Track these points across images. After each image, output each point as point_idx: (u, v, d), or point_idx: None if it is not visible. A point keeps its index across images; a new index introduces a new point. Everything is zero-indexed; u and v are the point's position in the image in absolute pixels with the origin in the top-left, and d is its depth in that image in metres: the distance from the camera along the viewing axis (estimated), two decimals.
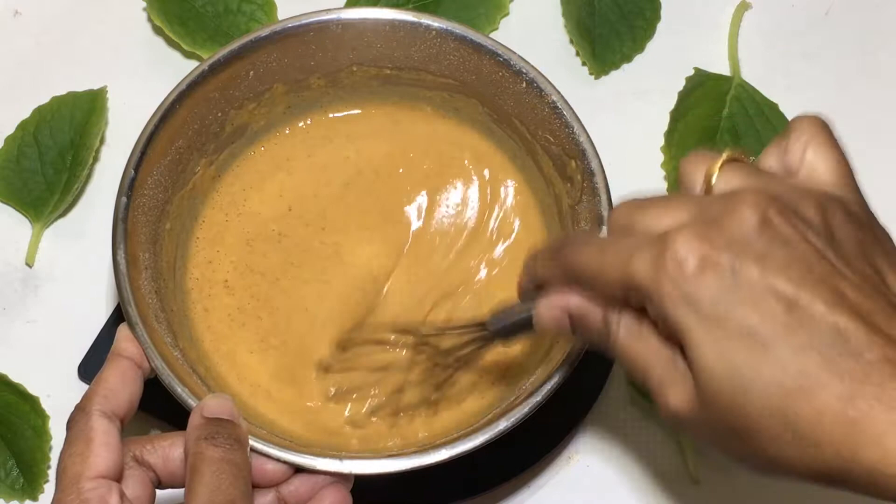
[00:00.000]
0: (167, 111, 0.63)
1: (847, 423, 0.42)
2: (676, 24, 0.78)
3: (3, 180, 0.72)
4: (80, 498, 0.50)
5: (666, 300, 0.45)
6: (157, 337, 0.58)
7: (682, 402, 0.46)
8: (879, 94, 0.76)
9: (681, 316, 0.45)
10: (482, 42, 0.65)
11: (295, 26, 0.65)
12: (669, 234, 0.45)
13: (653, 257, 0.45)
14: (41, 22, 0.78)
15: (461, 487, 0.64)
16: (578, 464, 0.66)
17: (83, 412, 0.53)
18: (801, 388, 0.43)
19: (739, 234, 0.45)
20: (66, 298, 0.70)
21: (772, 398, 0.43)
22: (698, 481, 0.66)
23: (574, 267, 0.50)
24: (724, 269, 0.44)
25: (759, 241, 0.45)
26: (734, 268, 0.44)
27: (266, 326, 0.64)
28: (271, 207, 0.67)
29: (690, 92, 0.74)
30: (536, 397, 0.57)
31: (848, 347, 0.43)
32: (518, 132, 0.66)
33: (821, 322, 0.43)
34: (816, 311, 0.43)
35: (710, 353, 0.44)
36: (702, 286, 0.44)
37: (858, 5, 0.79)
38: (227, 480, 0.51)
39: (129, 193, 0.61)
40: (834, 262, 0.45)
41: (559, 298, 0.51)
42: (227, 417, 0.54)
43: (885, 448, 0.42)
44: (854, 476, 0.43)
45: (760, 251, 0.44)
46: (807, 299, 0.43)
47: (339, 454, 0.56)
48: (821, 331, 0.43)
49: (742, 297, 0.44)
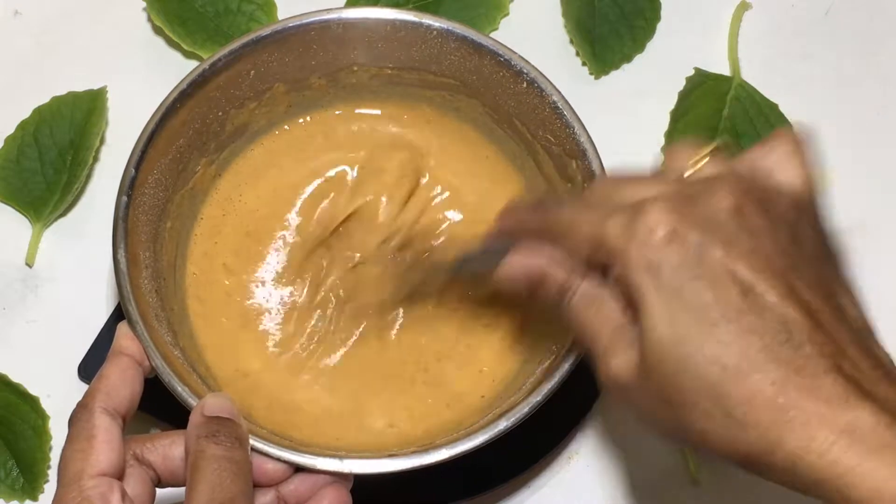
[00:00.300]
0: (168, 110, 0.63)
1: (776, 409, 0.44)
2: (676, 24, 0.78)
3: (3, 180, 0.72)
4: (81, 495, 0.50)
5: (630, 263, 0.47)
6: (158, 336, 0.58)
7: (624, 368, 0.48)
8: (879, 94, 0.76)
9: (641, 281, 0.47)
10: (483, 42, 0.65)
11: (296, 26, 0.65)
12: (645, 203, 0.47)
13: (625, 221, 0.48)
14: (41, 22, 0.78)
15: (461, 487, 0.64)
16: (578, 464, 0.67)
17: (85, 409, 0.53)
18: (739, 369, 0.45)
19: (712, 215, 0.47)
20: (66, 298, 0.70)
21: (710, 374, 0.45)
22: (698, 482, 0.66)
23: (550, 220, 0.52)
24: (690, 244, 0.46)
25: (729, 224, 0.47)
26: (700, 245, 0.46)
27: (267, 324, 0.64)
28: (271, 206, 0.67)
29: (690, 92, 0.74)
30: (536, 397, 0.57)
31: (790, 338, 0.45)
32: (519, 132, 0.67)
33: (771, 311, 0.45)
34: (769, 300, 0.45)
35: (661, 321, 0.46)
36: (666, 256, 0.46)
37: (858, 5, 0.79)
38: (228, 478, 0.51)
39: (130, 192, 0.61)
40: (794, 260, 0.47)
41: (525, 258, 0.53)
42: (227, 416, 0.54)
43: (808, 436, 0.44)
44: (775, 461, 0.44)
45: (728, 235, 0.46)
46: (762, 288, 0.45)
47: (338, 453, 0.56)
48: (768, 319, 0.45)
49: (701, 274, 0.46)
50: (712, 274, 0.46)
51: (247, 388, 0.63)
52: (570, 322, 0.52)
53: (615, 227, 0.48)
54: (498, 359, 0.64)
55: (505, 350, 0.64)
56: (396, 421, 0.62)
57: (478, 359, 0.64)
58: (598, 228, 0.49)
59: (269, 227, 0.67)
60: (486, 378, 0.63)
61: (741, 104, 0.73)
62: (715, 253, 0.46)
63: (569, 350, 0.58)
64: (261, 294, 0.65)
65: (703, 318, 0.45)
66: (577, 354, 0.58)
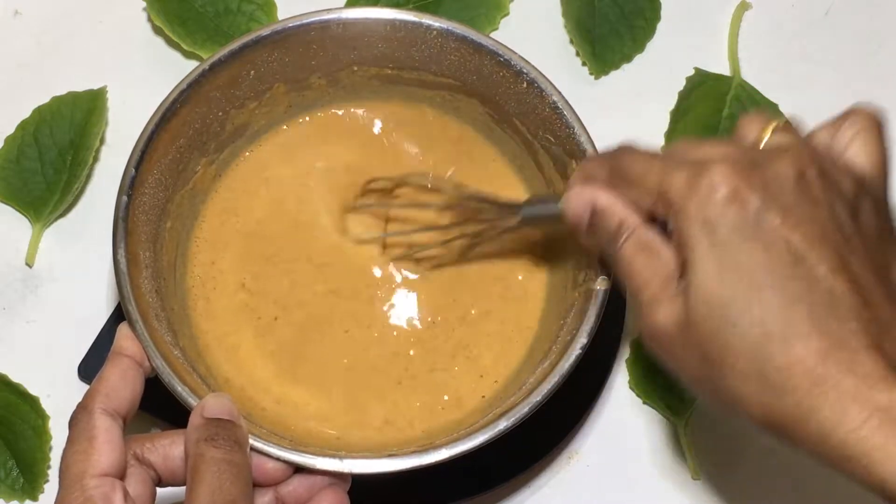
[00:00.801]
0: (168, 110, 0.63)
1: (813, 379, 0.45)
2: (676, 24, 0.78)
3: (3, 180, 0.72)
4: (84, 496, 0.50)
5: (688, 217, 0.48)
6: (158, 336, 0.58)
7: (669, 319, 0.49)
8: (879, 94, 0.76)
9: (696, 236, 0.48)
10: (483, 42, 0.65)
11: (296, 26, 0.65)
12: (711, 162, 0.48)
13: (690, 176, 0.49)
14: (41, 22, 0.78)
15: (461, 487, 0.64)
16: (578, 464, 0.66)
17: (85, 410, 0.53)
18: (781, 336, 0.46)
19: (775, 181, 0.48)
20: (66, 298, 0.70)
21: (752, 336, 0.46)
22: (698, 481, 0.66)
23: (622, 164, 0.53)
24: (750, 207, 0.47)
25: (790, 193, 0.47)
26: (759, 209, 0.47)
27: (266, 324, 0.64)
28: (271, 205, 0.67)
29: (690, 92, 0.74)
30: (536, 397, 0.57)
31: (837, 312, 0.46)
32: (519, 132, 0.67)
33: (821, 282, 0.46)
34: (819, 271, 0.46)
35: (710, 278, 0.47)
36: (724, 215, 0.47)
37: (858, 5, 0.79)
38: (227, 481, 0.51)
39: (130, 192, 0.61)
40: (850, 236, 0.47)
41: (591, 191, 0.54)
42: (227, 417, 0.54)
43: (841, 410, 0.44)
44: (806, 431, 0.45)
45: (788, 202, 0.47)
46: (814, 259, 0.46)
47: (338, 453, 0.56)
48: (816, 290, 0.46)
49: (757, 238, 0.47)
50: (767, 239, 0.47)
51: (247, 387, 0.63)
52: (619, 265, 0.53)
53: (679, 180, 0.49)
54: (498, 359, 0.64)
55: (505, 350, 0.64)
56: (396, 421, 0.62)
57: (478, 359, 0.64)
58: (664, 178, 0.50)
59: (269, 228, 0.67)
60: (487, 378, 0.63)
61: (741, 104, 0.73)
62: (773, 219, 0.47)
63: (569, 350, 0.58)
64: (261, 294, 0.65)
65: (752, 280, 0.46)
66: (577, 354, 0.58)
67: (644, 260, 0.52)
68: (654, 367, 0.67)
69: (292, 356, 0.64)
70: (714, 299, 0.47)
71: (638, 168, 0.52)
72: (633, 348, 0.68)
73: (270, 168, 0.68)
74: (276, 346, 0.64)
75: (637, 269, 0.52)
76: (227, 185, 0.68)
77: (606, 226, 0.53)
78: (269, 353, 0.64)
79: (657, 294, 0.50)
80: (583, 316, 0.59)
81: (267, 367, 0.63)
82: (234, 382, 0.63)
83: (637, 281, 0.52)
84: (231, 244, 0.66)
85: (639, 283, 0.51)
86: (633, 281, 0.52)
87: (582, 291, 0.61)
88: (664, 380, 0.66)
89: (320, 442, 0.60)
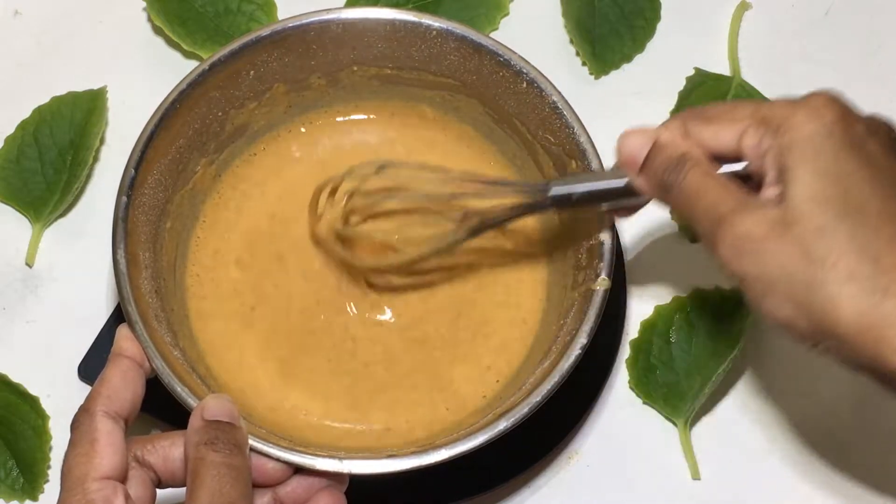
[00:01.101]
0: (167, 110, 0.63)
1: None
2: (676, 24, 0.78)
3: (3, 180, 0.72)
4: (85, 499, 0.50)
5: (793, 128, 0.50)
6: (157, 336, 0.58)
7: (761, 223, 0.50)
8: (879, 94, 0.76)
9: (802, 143, 0.50)
10: (483, 42, 0.65)
11: (295, 26, 0.65)
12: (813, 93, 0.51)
13: (791, 102, 0.51)
14: (41, 22, 0.78)
15: (461, 487, 0.64)
16: (578, 464, 0.66)
17: (87, 413, 0.53)
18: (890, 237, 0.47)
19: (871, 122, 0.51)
20: (66, 298, 0.70)
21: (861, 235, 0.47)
22: (698, 481, 0.66)
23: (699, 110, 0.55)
24: (856, 130, 0.50)
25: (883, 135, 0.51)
26: (864, 134, 0.50)
27: (266, 324, 0.64)
28: (271, 206, 0.67)
29: (690, 92, 0.74)
30: (536, 397, 0.57)
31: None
32: (518, 132, 0.67)
33: None
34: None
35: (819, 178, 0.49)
36: (833, 132, 0.50)
37: (858, 5, 0.79)
38: (227, 484, 0.51)
39: (130, 192, 0.61)
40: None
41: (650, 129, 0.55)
42: (227, 419, 0.54)
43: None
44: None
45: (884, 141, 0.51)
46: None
47: (338, 454, 0.56)
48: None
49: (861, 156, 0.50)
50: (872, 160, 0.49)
51: (247, 388, 0.63)
52: (681, 195, 0.53)
53: (780, 107, 0.51)
54: (498, 359, 0.64)
55: (505, 350, 0.64)
56: (396, 421, 0.62)
57: (478, 359, 0.64)
58: (758, 106, 0.52)
59: (269, 228, 0.67)
60: (487, 378, 0.63)
61: None
62: (876, 147, 0.50)
63: (569, 350, 0.58)
64: (261, 294, 0.65)
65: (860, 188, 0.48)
66: (577, 354, 0.58)
67: (713, 182, 0.52)
68: (655, 367, 0.67)
69: (292, 357, 0.64)
70: (821, 196, 0.48)
71: (722, 107, 0.54)
72: (633, 348, 0.68)
73: (271, 168, 0.68)
74: (275, 347, 0.64)
75: (708, 187, 0.52)
76: (227, 186, 0.68)
77: (667, 157, 0.54)
78: (269, 353, 0.64)
79: (736, 207, 0.51)
80: (583, 316, 0.59)
81: (267, 367, 0.63)
82: (234, 383, 0.63)
83: (709, 198, 0.52)
84: (231, 245, 0.66)
85: (712, 199, 0.52)
86: (702, 201, 0.52)
87: (582, 291, 0.61)
88: (664, 380, 0.66)
89: (320, 443, 0.60)
